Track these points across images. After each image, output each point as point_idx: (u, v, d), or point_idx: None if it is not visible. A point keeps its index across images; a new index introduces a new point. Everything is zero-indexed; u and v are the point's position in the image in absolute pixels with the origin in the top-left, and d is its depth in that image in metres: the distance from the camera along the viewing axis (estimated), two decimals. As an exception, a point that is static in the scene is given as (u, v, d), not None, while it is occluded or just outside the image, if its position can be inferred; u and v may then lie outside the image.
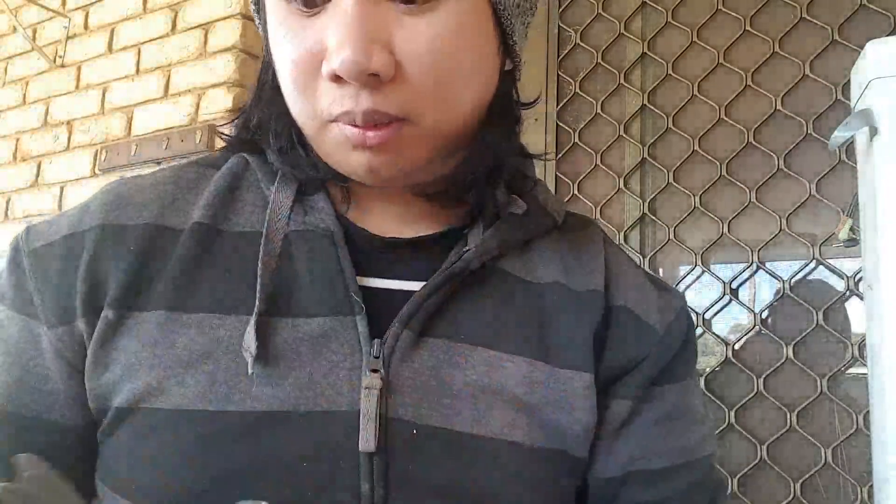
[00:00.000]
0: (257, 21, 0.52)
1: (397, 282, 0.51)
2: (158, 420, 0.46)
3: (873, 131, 0.90)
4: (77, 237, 0.50)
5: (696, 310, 1.49)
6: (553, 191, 1.66)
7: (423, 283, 0.49)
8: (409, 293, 0.49)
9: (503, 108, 0.52)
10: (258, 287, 0.47)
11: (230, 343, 0.47)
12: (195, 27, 1.79)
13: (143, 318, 0.48)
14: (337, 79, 0.43)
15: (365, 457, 0.45)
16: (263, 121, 0.52)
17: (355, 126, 0.44)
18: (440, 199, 0.52)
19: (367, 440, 0.45)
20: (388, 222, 0.53)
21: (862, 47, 0.93)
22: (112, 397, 0.47)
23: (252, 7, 0.52)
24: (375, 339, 0.47)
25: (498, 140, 0.52)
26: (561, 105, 1.70)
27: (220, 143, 1.65)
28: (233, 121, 0.56)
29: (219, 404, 0.45)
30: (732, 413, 1.40)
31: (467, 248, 0.51)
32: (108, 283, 0.48)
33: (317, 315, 0.48)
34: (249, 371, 0.46)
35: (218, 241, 0.50)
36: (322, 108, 0.45)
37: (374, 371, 0.46)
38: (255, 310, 0.47)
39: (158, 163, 1.74)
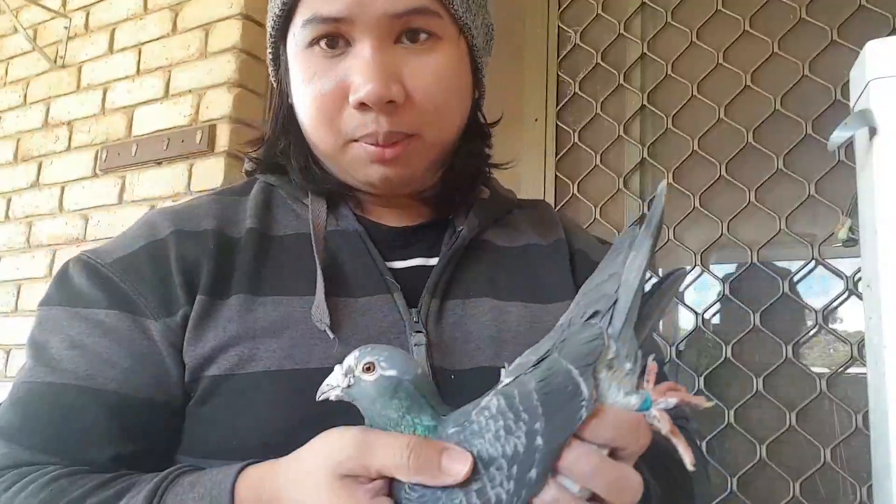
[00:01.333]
0: (272, 70, 0.67)
1: (415, 260, 0.65)
2: (254, 381, 0.56)
3: (872, 131, 0.90)
4: (158, 244, 0.61)
5: (696, 309, 1.49)
6: (553, 191, 1.67)
7: (432, 258, 0.65)
8: (426, 268, 0.64)
9: (475, 128, 0.69)
10: (318, 272, 0.59)
11: (301, 317, 0.58)
12: (196, 27, 1.79)
13: (226, 302, 0.59)
14: (361, 107, 0.57)
15: None
16: (285, 147, 0.66)
17: (377, 145, 0.59)
18: (433, 199, 0.68)
19: None
20: (397, 215, 0.68)
21: (861, 48, 0.93)
22: (206, 367, 0.57)
23: (269, 57, 0.66)
24: (412, 308, 0.61)
25: (470, 154, 0.67)
26: (561, 105, 1.70)
27: (220, 145, 1.65)
28: (256, 150, 0.69)
29: (302, 363, 0.57)
30: (732, 413, 1.41)
31: (461, 228, 0.66)
32: (200, 273, 0.59)
33: (363, 295, 0.61)
34: (331, 336, 0.57)
35: (269, 243, 0.63)
36: (347, 131, 0.59)
37: (419, 332, 0.59)
38: (322, 288, 0.58)
39: (159, 163, 1.75)
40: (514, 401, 0.43)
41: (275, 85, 0.68)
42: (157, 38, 1.85)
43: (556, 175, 1.68)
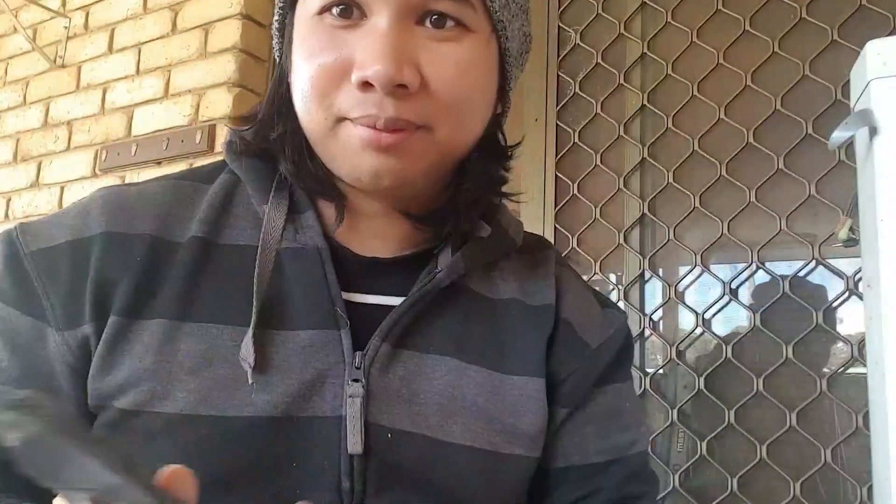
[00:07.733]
0: (276, 40, 0.58)
1: (377, 297, 0.56)
2: (163, 423, 0.49)
3: (873, 131, 0.90)
4: (83, 243, 0.53)
5: (696, 310, 1.49)
6: (553, 191, 1.66)
7: (400, 297, 0.55)
8: (388, 307, 0.55)
9: (491, 146, 0.59)
10: (254, 302, 0.52)
11: (228, 351, 0.51)
12: (195, 27, 1.79)
13: (147, 325, 0.52)
14: (365, 86, 0.48)
15: (346, 457, 0.51)
16: (280, 133, 0.56)
17: (373, 127, 0.49)
18: (422, 222, 0.57)
19: (354, 443, 0.50)
20: (371, 241, 0.58)
21: (861, 47, 0.93)
22: (115, 398, 0.51)
23: (274, 25, 0.57)
24: (357, 351, 0.53)
25: (486, 175, 0.58)
26: (561, 105, 1.70)
27: (220, 145, 1.65)
28: (248, 128, 0.59)
29: (219, 409, 0.50)
30: (732, 413, 1.40)
31: (439, 269, 0.57)
32: (117, 290, 0.52)
33: (306, 328, 0.53)
34: (249, 381, 0.50)
35: (215, 254, 0.55)
36: (340, 108, 0.49)
37: (356, 381, 0.52)
38: (252, 323, 0.51)
39: (159, 163, 1.74)
40: None
41: (277, 59, 0.59)
42: (157, 38, 1.85)
43: (556, 175, 1.68)
